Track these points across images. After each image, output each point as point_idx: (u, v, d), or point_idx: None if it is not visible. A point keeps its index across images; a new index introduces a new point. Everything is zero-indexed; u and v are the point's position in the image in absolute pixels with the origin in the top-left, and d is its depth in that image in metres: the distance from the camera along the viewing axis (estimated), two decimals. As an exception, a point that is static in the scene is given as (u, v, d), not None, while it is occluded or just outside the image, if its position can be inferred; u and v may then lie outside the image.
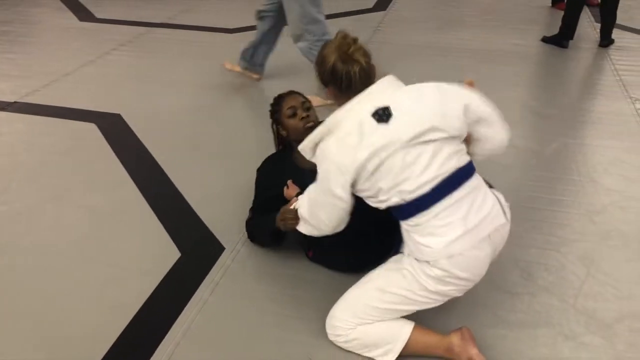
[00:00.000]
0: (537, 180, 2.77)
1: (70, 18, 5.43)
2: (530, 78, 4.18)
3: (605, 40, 4.59)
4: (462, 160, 1.66)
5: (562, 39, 4.59)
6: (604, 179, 2.76)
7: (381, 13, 5.43)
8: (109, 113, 3.47)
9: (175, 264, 2.20)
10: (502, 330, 1.88)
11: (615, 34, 4.65)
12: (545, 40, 4.72)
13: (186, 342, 1.84)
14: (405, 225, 1.67)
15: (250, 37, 3.80)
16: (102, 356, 1.79)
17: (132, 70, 4.21)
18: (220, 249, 2.27)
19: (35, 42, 4.91)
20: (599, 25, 4.72)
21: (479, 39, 4.83)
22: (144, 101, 3.65)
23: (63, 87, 3.89)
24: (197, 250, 2.28)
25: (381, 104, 1.64)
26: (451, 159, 1.62)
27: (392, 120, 1.61)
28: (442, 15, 5.50)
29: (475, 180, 1.69)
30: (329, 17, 5.30)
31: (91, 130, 3.28)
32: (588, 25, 5.10)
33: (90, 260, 2.24)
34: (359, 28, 4.98)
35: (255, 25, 3.76)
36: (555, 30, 4.68)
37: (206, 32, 4.98)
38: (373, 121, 1.61)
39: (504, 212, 1.72)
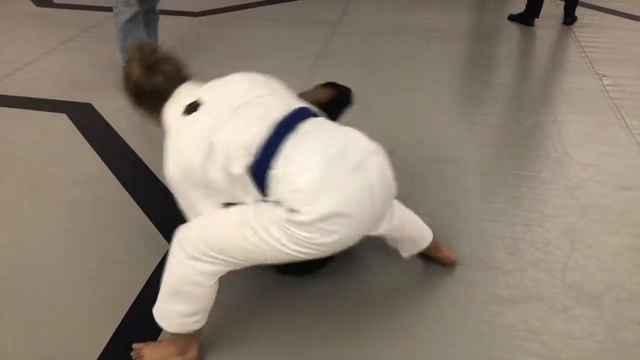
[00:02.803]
0: (514, 157, 2.83)
1: (24, 3, 5.23)
2: (498, 57, 4.23)
3: (569, 18, 4.68)
4: (292, 104, 1.62)
5: (528, 17, 4.67)
6: (579, 154, 2.83)
7: (347, -6, 5.41)
8: (79, 102, 3.37)
9: (165, 255, 2.17)
10: (497, 307, 1.92)
11: (578, 11, 4.75)
12: (512, 18, 4.79)
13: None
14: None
15: (215, 20, 3.74)
16: (99, 353, 1.76)
17: (97, 57, 4.08)
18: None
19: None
20: (562, 3, 4.82)
21: (446, 18, 4.87)
22: (113, 89, 3.55)
23: (26, 77, 3.75)
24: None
25: (188, 102, 1.61)
26: (280, 108, 1.57)
27: (203, 107, 1.57)
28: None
29: (317, 120, 1.61)
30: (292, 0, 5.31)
31: (62, 120, 3.17)
32: (551, 3, 5.19)
33: (76, 255, 2.18)
34: (327, 10, 4.96)
35: (220, 9, 3.69)
36: (521, 8, 4.75)
37: (171, 16, 4.86)
38: (183, 117, 1.58)
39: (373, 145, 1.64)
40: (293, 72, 3.71)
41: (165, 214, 2.38)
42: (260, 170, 1.48)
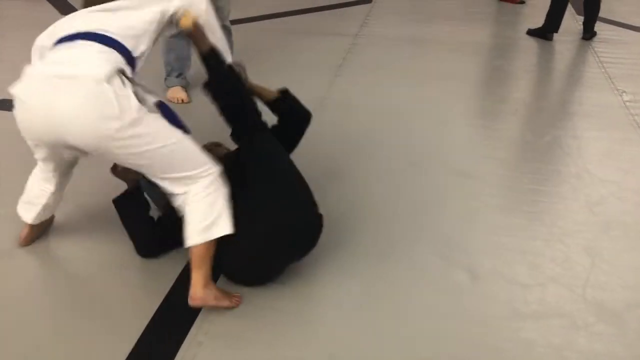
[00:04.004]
0: (533, 172, 2.83)
1: (49, 11, 5.32)
2: (516, 71, 4.24)
3: (589, 33, 4.69)
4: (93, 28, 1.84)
5: (546, 31, 4.68)
6: (599, 170, 2.83)
7: (367, 6, 5.45)
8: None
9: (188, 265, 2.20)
10: (517, 322, 1.92)
11: (597, 26, 4.75)
12: (530, 32, 4.80)
13: (209, 340, 1.85)
14: None
15: (234, 30, 3.79)
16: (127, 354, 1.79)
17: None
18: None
19: (15, 37, 4.80)
20: (581, 18, 4.83)
21: (464, 31, 4.89)
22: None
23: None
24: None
25: None
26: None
27: None
28: (427, 7, 5.55)
29: (90, 45, 1.79)
30: (314, 10, 5.36)
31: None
32: (570, 18, 5.20)
33: (97, 266, 2.22)
34: (346, 22, 5.00)
35: (238, 20, 3.72)
36: (538, 23, 4.77)
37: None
38: None
39: (95, 76, 1.69)
40: (312, 83, 3.76)
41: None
42: None
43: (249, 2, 4.80)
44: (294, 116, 2.41)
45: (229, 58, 2.21)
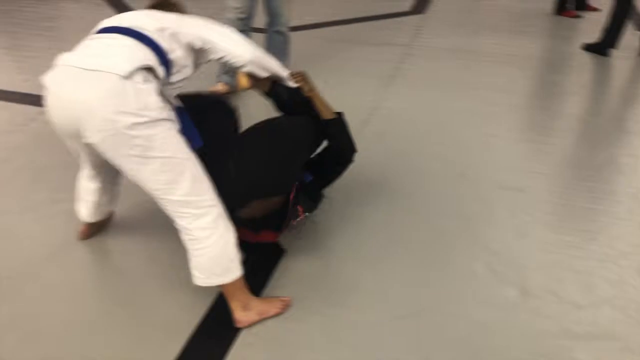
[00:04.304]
0: (587, 190, 2.78)
1: (110, 14, 5.49)
2: (571, 86, 4.16)
3: (648, 50, 4.57)
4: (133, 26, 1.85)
5: (604, 47, 4.58)
6: (656, 191, 2.76)
7: (419, 16, 5.44)
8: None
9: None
10: (568, 342, 1.90)
11: (658, 43, 4.63)
12: (587, 48, 4.70)
13: (259, 341, 1.89)
14: None
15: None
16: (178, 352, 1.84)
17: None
18: (279, 251, 2.32)
19: (76, 40, 4.97)
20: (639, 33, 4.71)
21: (517, 44, 4.83)
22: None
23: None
24: (257, 254, 2.32)
25: None
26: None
27: None
28: (480, 19, 5.50)
29: (125, 40, 1.80)
30: (367, 19, 5.39)
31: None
32: (628, 33, 5.07)
33: (152, 263, 2.29)
34: (399, 31, 5.01)
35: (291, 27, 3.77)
36: (595, 38, 4.67)
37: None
38: None
39: (117, 72, 1.69)
40: (363, 92, 3.78)
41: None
42: None
43: (304, 11, 4.86)
44: (335, 147, 2.36)
45: (283, 72, 2.21)
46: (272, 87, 2.24)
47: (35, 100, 3.53)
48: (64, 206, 2.33)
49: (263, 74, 2.11)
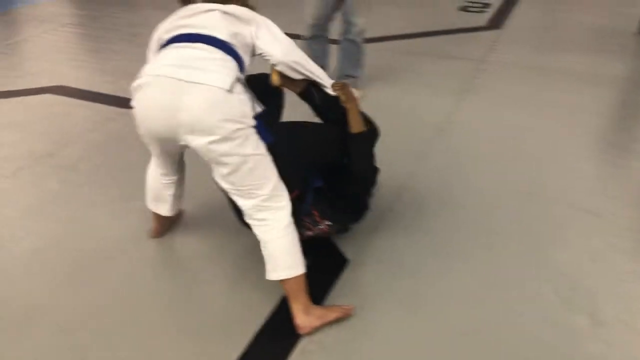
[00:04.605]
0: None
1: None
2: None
3: None
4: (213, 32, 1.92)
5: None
6: None
7: (495, 32, 5.34)
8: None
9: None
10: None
11: None
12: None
13: (320, 349, 1.89)
14: None
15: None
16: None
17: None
18: (343, 261, 2.32)
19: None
20: None
21: (598, 62, 4.63)
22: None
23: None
24: (319, 263, 2.33)
25: None
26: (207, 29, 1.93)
27: None
28: (558, 36, 5.33)
29: (212, 51, 1.88)
30: (442, 33, 5.34)
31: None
32: None
33: (217, 265, 2.34)
34: (474, 46, 4.93)
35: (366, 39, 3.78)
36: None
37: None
38: None
39: (221, 86, 1.79)
40: (434, 106, 3.74)
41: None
42: None
43: (378, 23, 4.85)
44: (353, 166, 2.26)
45: (324, 78, 2.21)
46: (306, 89, 2.26)
47: (114, 101, 3.71)
48: (137, 204, 2.43)
49: (295, 75, 2.14)
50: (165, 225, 2.47)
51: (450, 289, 2.17)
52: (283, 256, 1.95)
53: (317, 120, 2.38)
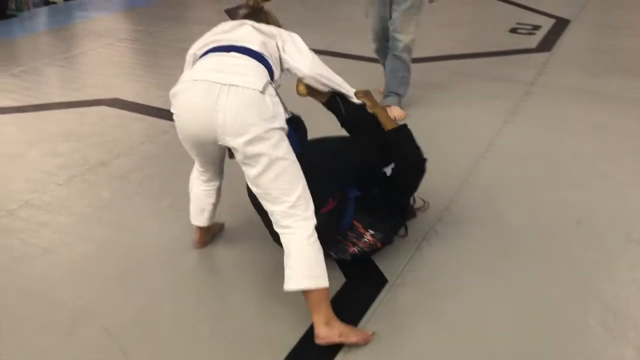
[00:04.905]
0: None
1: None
2: None
3: None
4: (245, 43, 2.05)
5: None
6: None
7: (545, 54, 5.27)
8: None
9: (340, 289, 2.28)
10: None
11: None
12: None
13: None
14: None
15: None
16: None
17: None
18: (382, 281, 2.32)
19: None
20: None
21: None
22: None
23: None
24: (360, 279, 2.34)
25: None
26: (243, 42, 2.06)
27: None
28: (610, 60, 5.21)
29: (245, 59, 2.00)
30: (490, 55, 5.30)
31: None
32: None
33: (259, 276, 2.38)
34: (523, 68, 4.88)
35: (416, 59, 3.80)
36: None
37: (361, 61, 5.07)
38: None
39: (255, 87, 1.89)
40: (481, 127, 3.72)
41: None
42: None
43: (427, 43, 4.84)
44: (402, 157, 2.38)
45: (348, 89, 2.36)
46: (331, 99, 2.37)
47: (167, 114, 3.79)
48: (184, 214, 2.49)
49: (321, 87, 2.29)
50: (208, 237, 2.53)
51: (491, 314, 2.14)
52: (304, 266, 1.96)
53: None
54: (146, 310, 2.18)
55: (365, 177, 2.38)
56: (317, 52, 2.27)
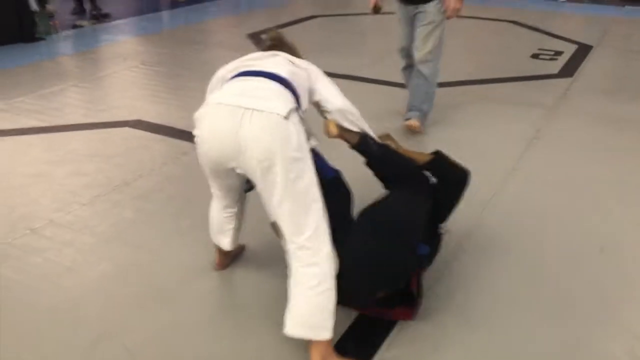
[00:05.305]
0: None
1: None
2: None
3: None
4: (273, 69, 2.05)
5: None
6: None
7: (567, 79, 5.25)
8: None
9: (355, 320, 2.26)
10: None
11: None
12: None
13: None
14: None
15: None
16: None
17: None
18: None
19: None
20: None
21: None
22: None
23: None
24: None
25: None
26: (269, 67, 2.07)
27: None
28: (635, 86, 5.18)
29: (272, 84, 1.99)
30: (512, 80, 5.30)
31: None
32: None
33: (277, 301, 2.36)
34: (545, 93, 4.86)
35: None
36: None
37: (386, 86, 5.10)
38: None
39: (279, 113, 1.86)
40: (503, 152, 3.70)
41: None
42: None
43: (450, 67, 4.83)
44: (445, 180, 2.42)
45: (370, 132, 2.35)
46: (362, 139, 2.33)
47: (189, 136, 3.84)
48: (205, 235, 2.50)
49: (348, 125, 2.27)
50: (228, 259, 2.53)
51: (515, 344, 2.11)
52: (308, 316, 1.90)
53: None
54: (166, 330, 2.19)
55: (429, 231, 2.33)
56: (339, 76, 2.30)
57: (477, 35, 6.70)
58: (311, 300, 1.89)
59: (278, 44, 2.36)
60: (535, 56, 6.00)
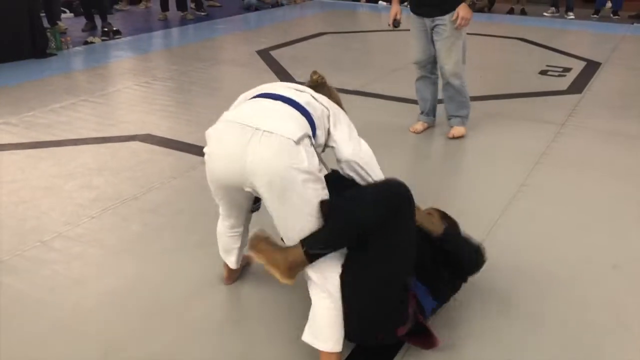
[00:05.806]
0: None
1: (269, 79, 5.95)
2: None
3: None
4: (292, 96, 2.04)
5: None
6: None
7: (576, 96, 5.24)
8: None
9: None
10: None
11: None
12: None
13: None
14: None
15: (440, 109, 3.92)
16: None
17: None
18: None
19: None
20: None
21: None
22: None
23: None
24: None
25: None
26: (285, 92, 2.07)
27: None
28: (638, 102, 5.16)
29: (288, 108, 1.98)
30: (520, 96, 5.30)
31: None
32: None
33: (288, 315, 2.36)
34: (553, 110, 4.86)
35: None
36: None
37: (397, 102, 5.11)
38: None
39: (290, 137, 1.85)
40: (512, 169, 3.69)
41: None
42: None
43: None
44: (452, 262, 2.21)
45: (375, 174, 2.13)
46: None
47: (198, 150, 3.87)
48: (213, 249, 2.50)
49: (355, 178, 2.11)
50: (236, 273, 2.53)
51: None
52: (322, 328, 1.95)
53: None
54: (174, 344, 2.18)
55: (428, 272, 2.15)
56: (348, 92, 2.30)
57: (484, 51, 6.71)
58: (329, 315, 1.95)
59: (319, 87, 2.32)
60: (543, 72, 6.01)
